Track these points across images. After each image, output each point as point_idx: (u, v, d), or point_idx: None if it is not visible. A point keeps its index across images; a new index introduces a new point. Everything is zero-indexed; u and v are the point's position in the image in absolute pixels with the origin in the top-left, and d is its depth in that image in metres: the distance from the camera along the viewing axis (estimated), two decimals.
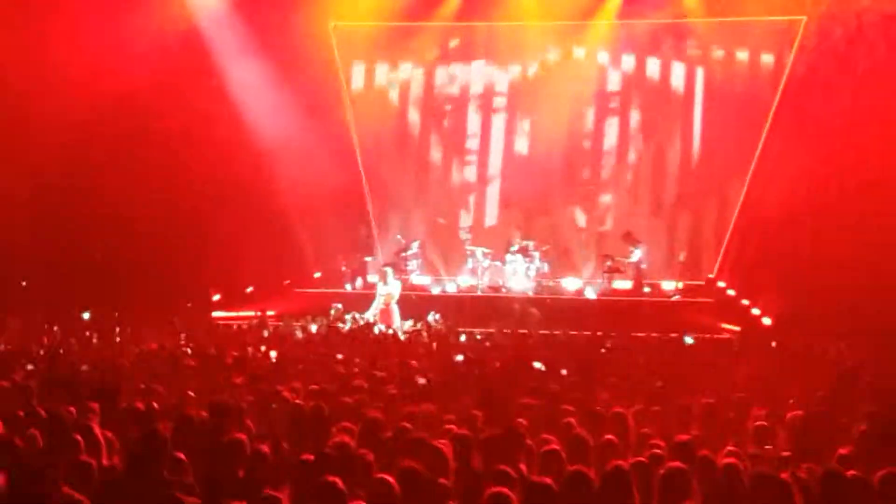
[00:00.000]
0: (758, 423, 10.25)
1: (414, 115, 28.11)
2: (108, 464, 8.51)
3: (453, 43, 27.79)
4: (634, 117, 27.10)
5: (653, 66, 26.85)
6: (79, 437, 8.53)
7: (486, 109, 27.99)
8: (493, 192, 27.94)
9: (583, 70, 27.02)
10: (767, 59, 25.88)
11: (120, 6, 23.40)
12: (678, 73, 26.73)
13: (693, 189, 26.54)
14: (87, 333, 18.59)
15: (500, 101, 27.95)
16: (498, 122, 27.89)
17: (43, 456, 8.40)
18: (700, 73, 26.61)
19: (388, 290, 22.51)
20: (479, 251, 25.75)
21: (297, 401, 10.99)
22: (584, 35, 26.69)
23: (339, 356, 15.83)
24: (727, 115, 25.78)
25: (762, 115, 25.43)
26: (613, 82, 27.30)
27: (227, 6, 25.55)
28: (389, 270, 23.21)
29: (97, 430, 8.83)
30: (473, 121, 28.04)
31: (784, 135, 24.39)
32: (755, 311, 23.34)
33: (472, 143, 28.09)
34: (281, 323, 21.95)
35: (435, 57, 27.86)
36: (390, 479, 7.40)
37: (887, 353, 16.49)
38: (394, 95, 28.12)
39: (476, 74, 27.98)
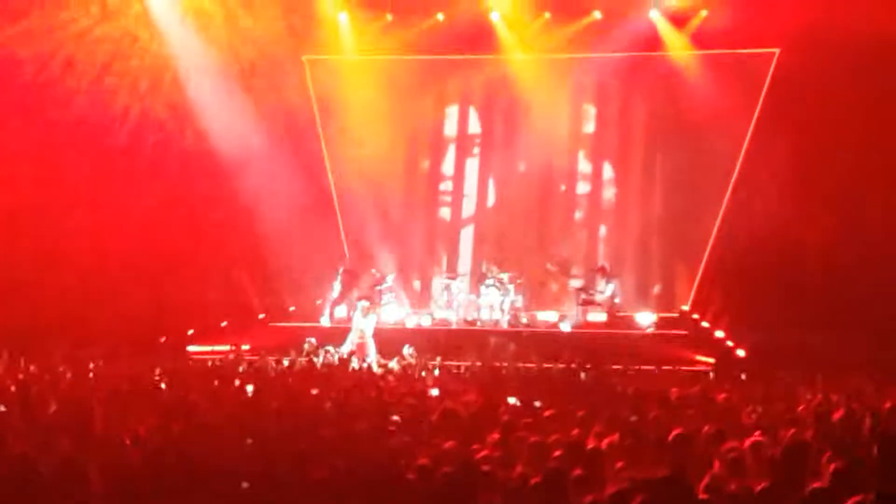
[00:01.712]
0: (731, 455, 10.22)
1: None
2: None
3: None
4: (609, 156, 27.26)
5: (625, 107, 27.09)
6: None
7: (462, 151, 28.09)
8: (468, 233, 27.97)
9: (558, 111, 27.06)
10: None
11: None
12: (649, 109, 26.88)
13: (667, 223, 26.61)
14: (61, 369, 18.29)
15: (474, 142, 28.05)
16: (472, 165, 28.00)
17: None
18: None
19: (363, 323, 22.48)
20: (453, 284, 25.72)
21: None
22: (558, 77, 26.83)
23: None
24: (701, 147, 25.93)
25: (736, 148, 25.59)
26: (588, 124, 27.47)
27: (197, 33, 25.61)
28: (364, 304, 23.17)
29: None
30: (449, 162, 28.15)
31: (758, 167, 24.51)
32: (729, 343, 23.41)
33: (447, 185, 28.23)
34: (257, 357, 21.78)
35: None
36: None
37: (865, 381, 16.56)
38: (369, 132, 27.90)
39: (450, 117, 28.10)
